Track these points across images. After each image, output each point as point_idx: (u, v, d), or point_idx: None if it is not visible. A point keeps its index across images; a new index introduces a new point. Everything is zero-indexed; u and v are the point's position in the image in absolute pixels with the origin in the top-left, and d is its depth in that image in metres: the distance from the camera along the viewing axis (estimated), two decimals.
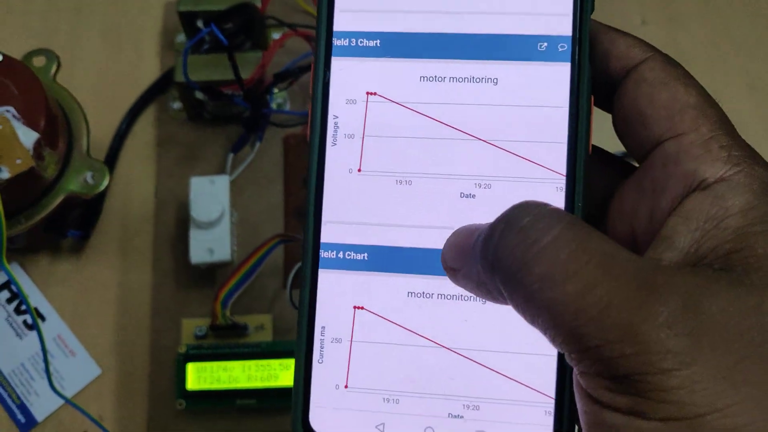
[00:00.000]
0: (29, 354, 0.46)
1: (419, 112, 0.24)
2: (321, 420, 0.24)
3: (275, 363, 0.43)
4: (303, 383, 0.24)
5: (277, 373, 0.43)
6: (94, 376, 0.46)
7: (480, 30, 0.24)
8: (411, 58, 0.25)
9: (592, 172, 0.24)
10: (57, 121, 0.44)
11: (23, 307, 0.47)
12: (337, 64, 0.25)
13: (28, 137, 0.40)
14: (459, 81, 0.24)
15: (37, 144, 0.41)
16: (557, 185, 0.24)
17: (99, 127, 0.49)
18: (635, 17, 0.54)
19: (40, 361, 0.46)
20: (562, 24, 0.24)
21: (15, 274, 0.44)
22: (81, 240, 0.48)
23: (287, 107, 0.51)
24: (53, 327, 0.47)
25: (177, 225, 0.48)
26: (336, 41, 0.25)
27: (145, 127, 0.51)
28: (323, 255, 0.24)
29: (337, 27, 0.25)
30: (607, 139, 0.25)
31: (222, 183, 0.46)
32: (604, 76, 0.24)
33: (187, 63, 0.46)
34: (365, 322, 0.24)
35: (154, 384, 0.45)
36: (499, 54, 0.24)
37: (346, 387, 0.24)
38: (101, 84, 0.52)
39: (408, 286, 0.24)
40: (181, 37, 0.51)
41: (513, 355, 0.23)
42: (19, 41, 0.52)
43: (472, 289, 0.20)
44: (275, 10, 0.50)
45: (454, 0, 0.24)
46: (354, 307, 0.24)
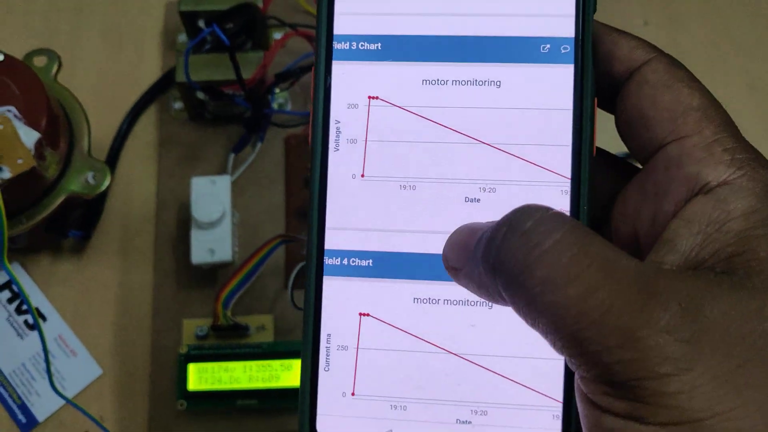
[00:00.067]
0: (30, 354, 0.46)
1: (422, 115, 0.24)
2: (328, 428, 0.23)
3: (276, 363, 0.43)
4: (309, 391, 0.23)
5: (279, 374, 0.43)
6: (95, 376, 0.46)
7: (482, 32, 0.24)
8: (413, 61, 0.24)
9: (595, 174, 0.24)
10: (58, 121, 0.44)
11: (24, 307, 0.47)
12: (338, 68, 0.25)
13: (29, 137, 0.40)
14: (462, 84, 0.24)
15: (39, 144, 0.40)
16: (562, 188, 0.23)
17: (100, 127, 0.49)
18: (637, 18, 0.54)
19: (41, 361, 0.46)
20: (564, 25, 0.24)
21: (16, 273, 0.44)
22: (82, 240, 0.48)
23: (288, 107, 0.51)
24: (54, 327, 0.46)
25: (178, 225, 0.48)
26: (336, 45, 0.25)
27: (147, 127, 0.51)
28: (327, 262, 0.24)
29: (338, 30, 0.25)
30: (610, 140, 0.25)
31: (223, 183, 0.46)
32: (607, 77, 0.24)
33: (189, 63, 0.45)
34: (371, 328, 0.24)
35: (155, 384, 0.45)
36: (502, 56, 0.24)
37: (353, 394, 0.24)
38: (102, 84, 0.52)
39: (414, 291, 0.24)
40: (183, 37, 0.51)
41: (520, 360, 0.23)
42: (20, 41, 0.52)
43: (473, 290, 0.20)
44: (277, 10, 0.50)
45: (455, 2, 0.24)
46: (360, 314, 0.24)
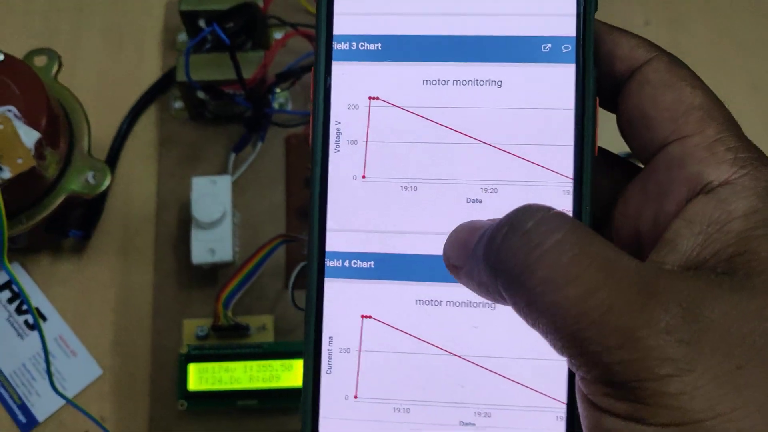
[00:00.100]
0: (30, 354, 0.46)
1: (423, 116, 0.24)
2: (331, 431, 0.23)
3: (277, 364, 0.43)
4: (312, 394, 0.23)
5: (279, 374, 0.43)
6: (95, 376, 0.46)
7: (483, 32, 0.24)
8: (413, 61, 0.24)
9: (597, 174, 0.23)
10: (58, 121, 0.43)
11: (24, 307, 0.47)
12: (338, 68, 0.24)
13: (29, 137, 0.40)
14: (463, 84, 0.24)
15: (39, 143, 0.40)
16: (564, 188, 0.23)
17: (100, 127, 0.49)
18: (638, 18, 0.54)
19: (41, 361, 0.45)
20: (565, 25, 0.24)
21: (16, 274, 0.44)
22: (82, 240, 0.48)
23: (289, 107, 0.51)
24: (54, 327, 0.46)
25: (178, 225, 0.48)
26: (336, 45, 0.24)
27: (147, 127, 0.51)
28: (329, 264, 0.24)
29: (337, 30, 0.24)
30: (612, 139, 0.25)
31: (224, 183, 0.46)
32: (608, 77, 0.23)
33: (189, 62, 0.45)
34: (373, 331, 0.24)
35: (155, 384, 0.45)
36: (503, 56, 0.24)
37: (355, 397, 0.23)
38: (102, 83, 0.52)
39: (416, 293, 0.24)
40: (183, 37, 0.51)
41: (523, 361, 0.23)
42: (20, 41, 0.52)
43: (473, 288, 0.20)
44: (277, 9, 0.50)
45: (456, 2, 0.24)
46: (362, 317, 0.24)
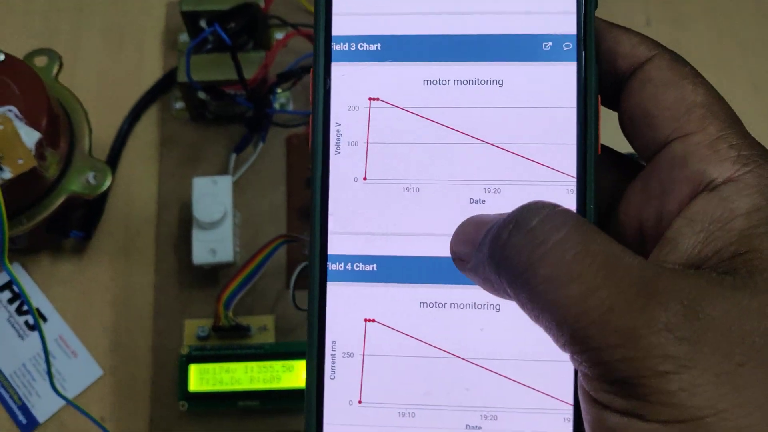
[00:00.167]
0: (31, 355, 0.46)
1: (424, 116, 0.24)
2: None
3: (278, 365, 0.43)
4: (315, 400, 0.23)
5: (280, 375, 0.43)
6: (95, 377, 0.46)
7: (483, 31, 0.24)
8: (413, 61, 0.24)
9: (601, 172, 0.23)
10: (59, 121, 0.43)
11: (25, 308, 0.47)
12: (338, 69, 0.24)
13: (30, 137, 0.40)
14: (464, 83, 0.24)
15: (39, 144, 0.40)
16: (568, 187, 0.23)
17: (101, 127, 0.49)
18: (639, 17, 0.54)
19: (41, 362, 0.45)
20: (566, 23, 0.24)
21: (17, 274, 0.44)
22: (83, 240, 0.48)
23: (290, 107, 0.51)
24: (55, 328, 0.46)
25: (179, 225, 0.48)
26: (335, 46, 0.24)
27: (148, 127, 0.51)
28: (331, 267, 0.24)
29: (336, 31, 0.24)
30: (614, 137, 0.25)
31: (224, 183, 0.46)
32: (610, 75, 0.23)
33: (190, 63, 0.45)
34: (377, 335, 0.23)
35: (156, 385, 0.45)
36: (504, 55, 0.24)
37: (359, 402, 0.23)
38: (103, 84, 0.52)
39: (419, 296, 0.23)
40: (184, 37, 0.51)
41: (529, 363, 0.23)
42: (21, 41, 0.52)
43: (478, 282, 0.20)
44: (278, 9, 0.50)
45: (455, 0, 0.24)
46: (365, 320, 0.23)
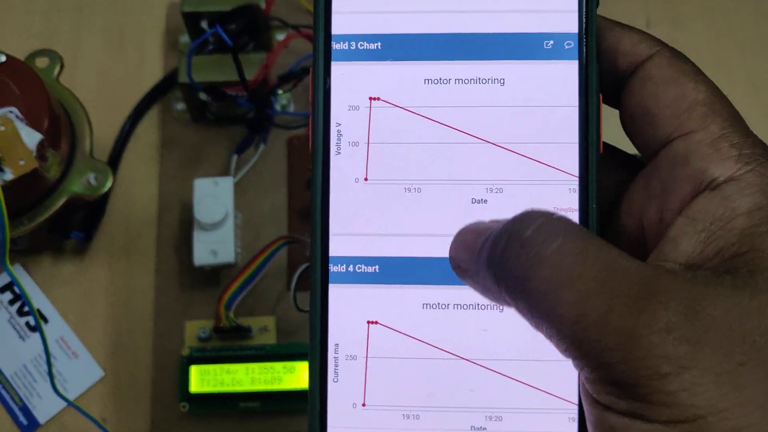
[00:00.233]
0: (32, 356, 0.46)
1: (425, 116, 0.24)
2: None
3: (279, 366, 0.43)
4: (319, 403, 0.23)
5: (281, 376, 0.43)
6: (96, 378, 0.46)
7: (484, 29, 0.24)
8: (414, 60, 0.24)
9: (603, 170, 0.23)
10: (60, 122, 0.43)
11: (26, 309, 0.47)
12: (338, 69, 0.24)
13: (31, 138, 0.40)
14: (465, 82, 0.24)
15: (40, 145, 0.40)
16: (570, 186, 0.23)
17: (102, 128, 0.48)
18: (639, 17, 0.54)
19: (42, 363, 0.45)
20: (567, 21, 0.23)
21: (18, 275, 0.44)
22: (84, 241, 0.48)
23: (291, 108, 0.51)
24: (56, 329, 0.46)
25: (180, 227, 0.48)
26: (335, 45, 0.24)
27: (149, 128, 0.51)
28: (333, 269, 0.23)
29: (336, 30, 0.24)
30: (616, 136, 0.25)
31: (226, 184, 0.46)
32: (611, 73, 0.23)
33: (191, 64, 0.45)
34: (380, 337, 0.23)
35: (157, 386, 0.45)
36: (505, 53, 0.24)
37: (363, 405, 0.23)
38: (104, 85, 0.52)
39: (422, 297, 0.23)
40: (185, 38, 0.51)
41: (534, 363, 0.23)
42: (21, 41, 0.52)
43: (479, 291, 0.20)
44: (279, 11, 0.50)
45: None
46: (367, 322, 0.23)
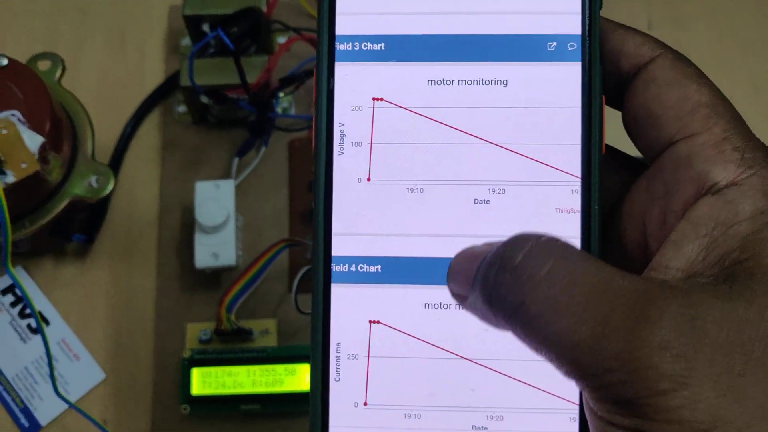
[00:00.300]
0: (33, 358, 0.46)
1: (428, 116, 0.24)
2: None
3: (280, 368, 0.43)
4: (321, 403, 0.23)
5: (282, 378, 0.43)
6: (98, 380, 0.46)
7: (487, 30, 0.24)
8: (417, 61, 0.24)
9: (605, 172, 0.23)
10: (62, 125, 0.43)
11: (27, 311, 0.47)
12: (341, 69, 0.24)
13: (33, 141, 0.40)
14: (468, 83, 0.24)
15: (42, 148, 0.40)
16: (572, 187, 0.23)
17: (103, 131, 0.49)
18: (641, 18, 0.54)
19: (44, 365, 0.45)
20: (570, 23, 0.23)
21: (19, 277, 0.44)
22: (85, 244, 0.48)
23: (292, 111, 0.51)
24: (57, 331, 0.46)
25: (182, 229, 0.48)
26: (338, 46, 0.24)
27: (150, 131, 0.51)
28: (335, 269, 0.23)
29: (339, 31, 0.24)
30: (618, 137, 0.25)
31: (227, 187, 0.46)
32: (614, 74, 0.23)
33: (193, 67, 0.45)
34: (382, 336, 0.23)
35: (158, 388, 0.45)
36: (508, 55, 0.24)
37: (365, 404, 0.23)
38: (105, 87, 0.52)
39: (424, 297, 0.23)
40: (186, 41, 0.51)
41: (535, 363, 0.22)
42: (23, 44, 0.52)
43: (479, 317, 0.20)
44: (281, 14, 0.50)
45: (459, 0, 0.24)
46: (369, 322, 0.23)
